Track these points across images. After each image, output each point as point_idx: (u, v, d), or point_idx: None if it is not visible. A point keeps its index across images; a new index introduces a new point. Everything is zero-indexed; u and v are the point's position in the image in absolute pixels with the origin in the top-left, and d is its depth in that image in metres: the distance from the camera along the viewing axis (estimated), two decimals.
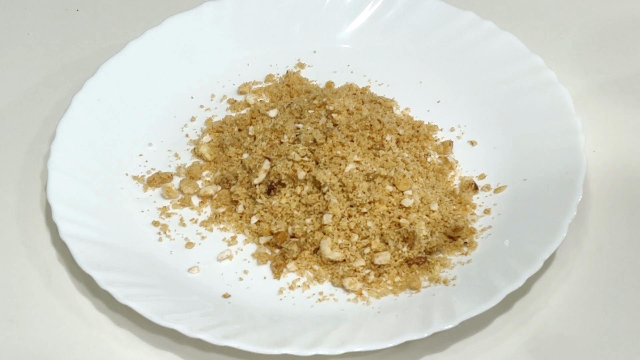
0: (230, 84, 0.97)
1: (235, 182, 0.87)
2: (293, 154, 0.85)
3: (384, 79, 0.96)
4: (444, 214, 0.84)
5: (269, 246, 0.84)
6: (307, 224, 0.83)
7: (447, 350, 0.78)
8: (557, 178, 0.84)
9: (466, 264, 0.81)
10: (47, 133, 0.94)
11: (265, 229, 0.84)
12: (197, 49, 0.98)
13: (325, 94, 0.89)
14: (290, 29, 1.00)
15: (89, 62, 0.98)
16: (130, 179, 0.89)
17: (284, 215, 0.84)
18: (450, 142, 0.90)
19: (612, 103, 0.95)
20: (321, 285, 0.82)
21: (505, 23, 0.97)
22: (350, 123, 0.86)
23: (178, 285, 0.81)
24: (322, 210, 0.83)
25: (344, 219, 0.83)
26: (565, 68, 0.96)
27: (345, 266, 0.81)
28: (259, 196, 0.85)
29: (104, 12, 1.07)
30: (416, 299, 0.79)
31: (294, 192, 0.85)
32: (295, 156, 0.85)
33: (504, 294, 0.76)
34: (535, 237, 0.80)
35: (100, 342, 0.79)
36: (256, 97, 0.95)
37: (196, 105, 0.96)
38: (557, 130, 0.88)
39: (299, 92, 0.94)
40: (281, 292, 0.81)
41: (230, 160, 0.90)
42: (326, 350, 0.74)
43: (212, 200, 0.87)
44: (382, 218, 0.83)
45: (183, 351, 0.78)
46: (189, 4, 0.99)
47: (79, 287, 0.82)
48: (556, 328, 0.79)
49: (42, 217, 0.87)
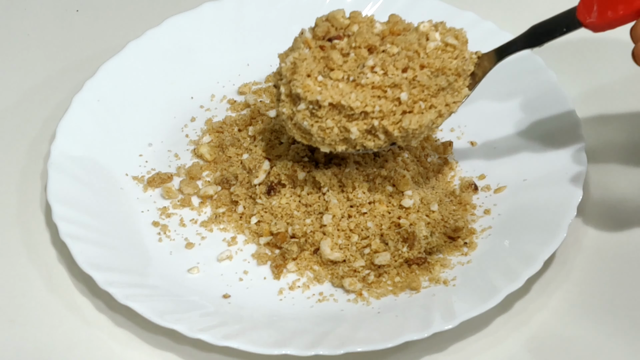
0: (230, 84, 0.97)
1: (235, 182, 0.87)
2: (292, 154, 0.85)
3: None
4: (443, 215, 0.84)
5: (269, 246, 0.84)
6: (307, 224, 0.83)
7: (447, 351, 0.78)
8: (557, 178, 0.84)
9: (466, 264, 0.81)
10: (47, 133, 0.94)
11: (265, 229, 0.84)
12: (197, 49, 0.98)
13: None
14: (290, 29, 0.99)
15: (89, 63, 0.98)
16: (130, 179, 0.89)
17: (284, 215, 0.84)
18: (450, 143, 0.90)
19: (612, 103, 0.95)
20: (321, 286, 0.82)
21: (505, 23, 0.97)
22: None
23: (178, 285, 0.81)
24: (322, 210, 0.83)
25: (343, 220, 0.83)
26: (565, 68, 0.96)
27: (345, 266, 0.81)
28: (259, 196, 0.85)
29: (104, 13, 1.07)
30: (416, 299, 0.79)
31: (294, 192, 0.84)
32: (295, 156, 0.85)
33: (504, 294, 0.76)
34: (535, 237, 0.80)
35: (100, 342, 0.79)
36: (256, 97, 0.95)
37: (196, 106, 0.96)
38: (557, 130, 0.88)
39: None
40: (281, 293, 0.81)
41: (230, 160, 0.89)
42: (326, 351, 0.74)
43: (212, 200, 0.87)
44: (382, 218, 0.83)
45: (183, 351, 0.78)
46: (189, 4, 0.99)
47: (79, 288, 0.82)
48: (556, 328, 0.79)
49: (42, 217, 0.87)
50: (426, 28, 0.80)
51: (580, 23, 0.77)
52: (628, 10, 0.75)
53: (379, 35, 0.79)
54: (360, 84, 0.77)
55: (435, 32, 0.80)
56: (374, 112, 0.77)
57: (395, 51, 0.78)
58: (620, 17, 0.75)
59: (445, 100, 0.79)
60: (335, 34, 0.79)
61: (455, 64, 0.79)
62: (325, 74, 0.78)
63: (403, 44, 0.78)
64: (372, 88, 0.77)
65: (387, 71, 0.77)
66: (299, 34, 0.81)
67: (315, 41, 0.80)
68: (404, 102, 0.77)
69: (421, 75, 0.77)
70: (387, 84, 0.77)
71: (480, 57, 0.82)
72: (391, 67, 0.77)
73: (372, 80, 0.77)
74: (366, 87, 0.77)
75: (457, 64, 0.79)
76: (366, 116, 0.77)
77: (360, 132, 0.78)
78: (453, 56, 0.79)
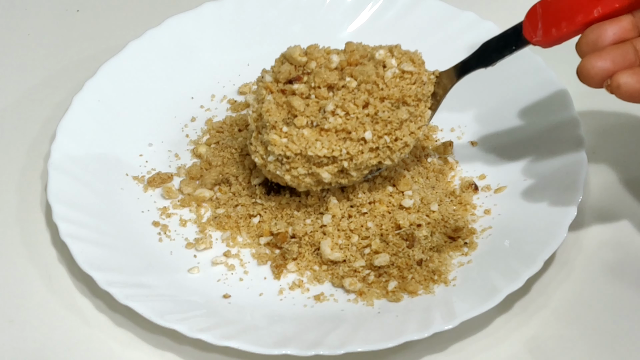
0: (231, 84, 0.97)
1: (235, 182, 0.87)
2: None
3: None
4: (444, 215, 0.84)
5: (269, 246, 0.84)
6: (307, 224, 0.83)
7: (447, 351, 0.78)
8: (557, 178, 0.84)
9: (466, 264, 0.81)
10: (47, 133, 0.94)
11: (265, 229, 0.84)
12: (197, 49, 0.98)
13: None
14: (290, 29, 1.00)
15: (89, 62, 0.98)
16: (130, 179, 0.89)
17: (284, 215, 0.84)
18: (450, 143, 0.90)
19: (612, 103, 0.95)
20: (321, 286, 0.82)
21: (505, 23, 0.96)
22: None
23: (178, 285, 0.81)
24: (322, 210, 0.83)
25: (344, 220, 0.83)
26: (565, 68, 0.95)
27: (346, 266, 0.81)
28: (259, 197, 0.85)
29: (104, 13, 1.07)
30: (416, 300, 0.79)
31: (294, 192, 0.85)
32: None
33: (504, 294, 0.76)
34: (535, 237, 0.80)
35: (100, 342, 0.79)
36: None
37: (196, 106, 0.96)
38: (557, 130, 0.88)
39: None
40: (281, 293, 0.81)
41: (230, 160, 0.89)
42: (326, 351, 0.74)
43: (211, 201, 0.87)
44: (382, 218, 0.83)
45: (183, 351, 0.78)
46: (189, 4, 0.99)
47: (79, 288, 0.82)
48: (556, 328, 0.79)
49: (42, 217, 0.87)
50: (382, 56, 0.80)
51: (528, 41, 0.78)
52: (571, 28, 0.75)
53: (337, 69, 0.80)
54: (324, 128, 0.78)
55: (391, 59, 0.80)
56: (342, 155, 0.79)
57: (354, 85, 0.79)
58: (565, 34, 0.75)
59: (409, 129, 0.80)
60: (295, 74, 0.81)
61: (414, 90, 0.80)
62: (289, 122, 0.79)
63: (361, 76, 0.79)
64: (336, 132, 0.79)
65: (348, 111, 0.78)
66: (260, 77, 0.82)
67: (277, 84, 0.81)
68: (369, 140, 0.79)
69: (382, 110, 0.79)
70: (350, 127, 0.78)
71: (440, 76, 0.82)
72: (352, 106, 0.78)
73: (335, 124, 0.78)
74: (330, 132, 0.79)
75: (416, 90, 0.80)
76: (335, 160, 0.79)
77: (332, 175, 0.80)
78: (411, 81, 0.80)
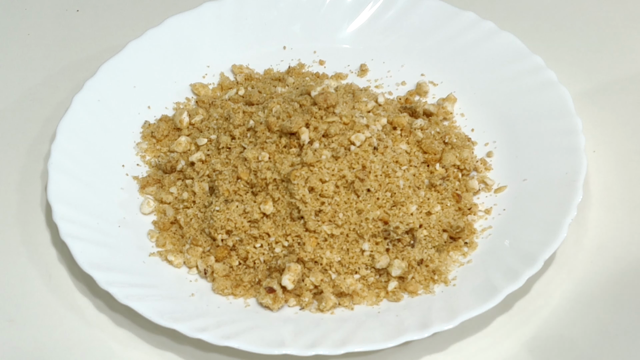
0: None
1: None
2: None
3: (384, 79, 0.96)
4: (444, 215, 0.84)
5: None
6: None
7: (447, 350, 0.78)
8: (557, 178, 0.84)
9: (466, 264, 0.82)
10: (47, 133, 0.94)
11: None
12: (197, 49, 0.98)
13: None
14: (290, 29, 1.00)
15: (89, 62, 0.98)
16: (130, 179, 0.89)
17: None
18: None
19: (612, 103, 0.95)
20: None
21: (505, 23, 0.97)
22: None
23: (178, 285, 0.81)
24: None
25: (344, 220, 0.83)
26: (565, 68, 0.96)
27: (345, 267, 0.81)
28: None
29: (104, 12, 1.07)
30: (416, 299, 0.79)
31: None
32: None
33: (504, 294, 0.76)
34: (535, 237, 0.80)
35: (100, 342, 0.79)
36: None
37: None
38: (557, 130, 0.88)
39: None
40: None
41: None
42: (326, 350, 0.74)
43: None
44: (382, 219, 0.83)
45: (183, 351, 0.78)
46: (189, 4, 0.99)
47: (79, 287, 0.82)
48: (556, 328, 0.79)
49: (42, 217, 0.87)
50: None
51: None
52: None
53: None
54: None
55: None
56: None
57: None
58: None
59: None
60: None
61: None
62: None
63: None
64: None
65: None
66: None
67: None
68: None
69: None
70: None
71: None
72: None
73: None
74: None
75: None
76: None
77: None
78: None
